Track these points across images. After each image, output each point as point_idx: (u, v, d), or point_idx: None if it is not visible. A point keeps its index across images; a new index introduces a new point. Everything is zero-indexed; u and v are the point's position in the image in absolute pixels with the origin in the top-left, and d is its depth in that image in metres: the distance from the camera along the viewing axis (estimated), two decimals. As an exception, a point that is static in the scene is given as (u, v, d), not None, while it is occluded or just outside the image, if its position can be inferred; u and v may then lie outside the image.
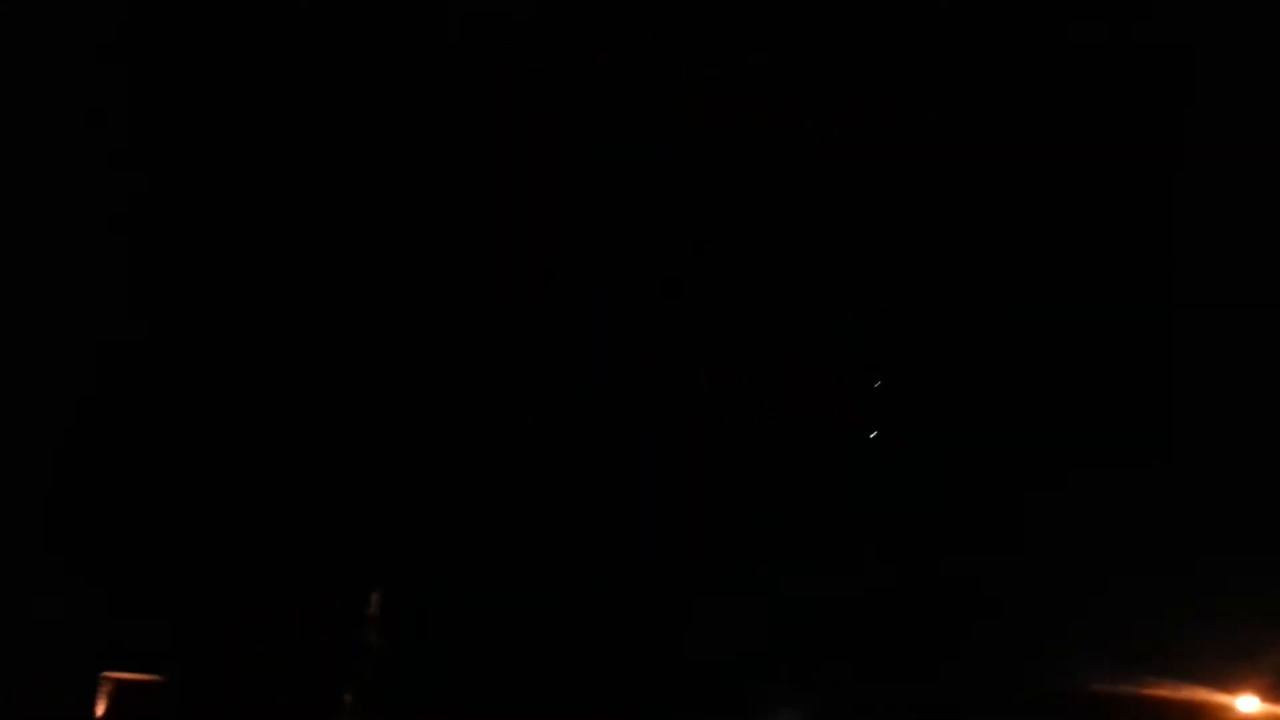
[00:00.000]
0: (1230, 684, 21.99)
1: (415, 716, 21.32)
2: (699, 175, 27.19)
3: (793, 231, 27.77)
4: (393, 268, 25.66)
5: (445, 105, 25.51)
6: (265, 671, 19.84)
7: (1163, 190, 24.80)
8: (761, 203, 27.55)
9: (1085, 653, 23.57)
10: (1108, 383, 26.25)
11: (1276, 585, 21.08)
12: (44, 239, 22.15)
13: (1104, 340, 26.44)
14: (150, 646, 19.75)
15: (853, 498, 28.36)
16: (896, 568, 28.28)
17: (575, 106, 26.15)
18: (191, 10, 22.62)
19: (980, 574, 28.00)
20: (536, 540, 27.02)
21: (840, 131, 26.35)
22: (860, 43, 25.27)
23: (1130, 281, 26.15)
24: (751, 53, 25.33)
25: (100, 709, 18.72)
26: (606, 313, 27.25)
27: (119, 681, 19.44)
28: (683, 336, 28.85)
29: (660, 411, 28.67)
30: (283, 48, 23.37)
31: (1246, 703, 21.65)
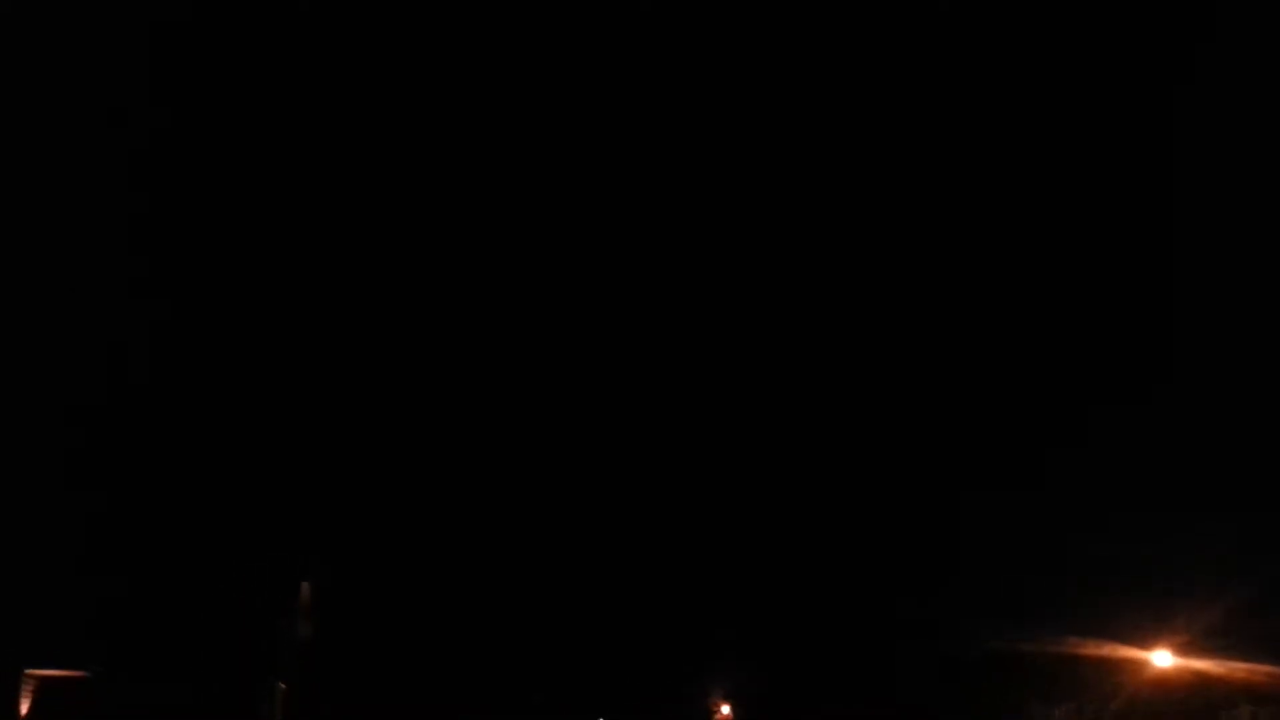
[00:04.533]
0: (1146, 641, 22.84)
1: (344, 704, 21.23)
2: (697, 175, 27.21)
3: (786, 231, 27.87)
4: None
5: (447, 106, 25.29)
6: (193, 663, 19.61)
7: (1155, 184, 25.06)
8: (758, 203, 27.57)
9: (1015, 614, 24.18)
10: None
11: (1185, 555, 21.94)
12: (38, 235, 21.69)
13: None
14: (74, 643, 19.39)
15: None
16: (826, 533, 28.55)
17: (575, 107, 26.06)
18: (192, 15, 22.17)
19: (913, 542, 28.41)
20: (465, 532, 26.88)
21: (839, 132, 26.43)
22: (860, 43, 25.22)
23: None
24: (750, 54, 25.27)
25: (25, 707, 18.34)
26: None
27: (43, 679, 19.06)
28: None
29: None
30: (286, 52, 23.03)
31: (1161, 658, 22.52)
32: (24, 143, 21.05)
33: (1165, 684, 22.77)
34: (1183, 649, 22.10)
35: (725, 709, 36.94)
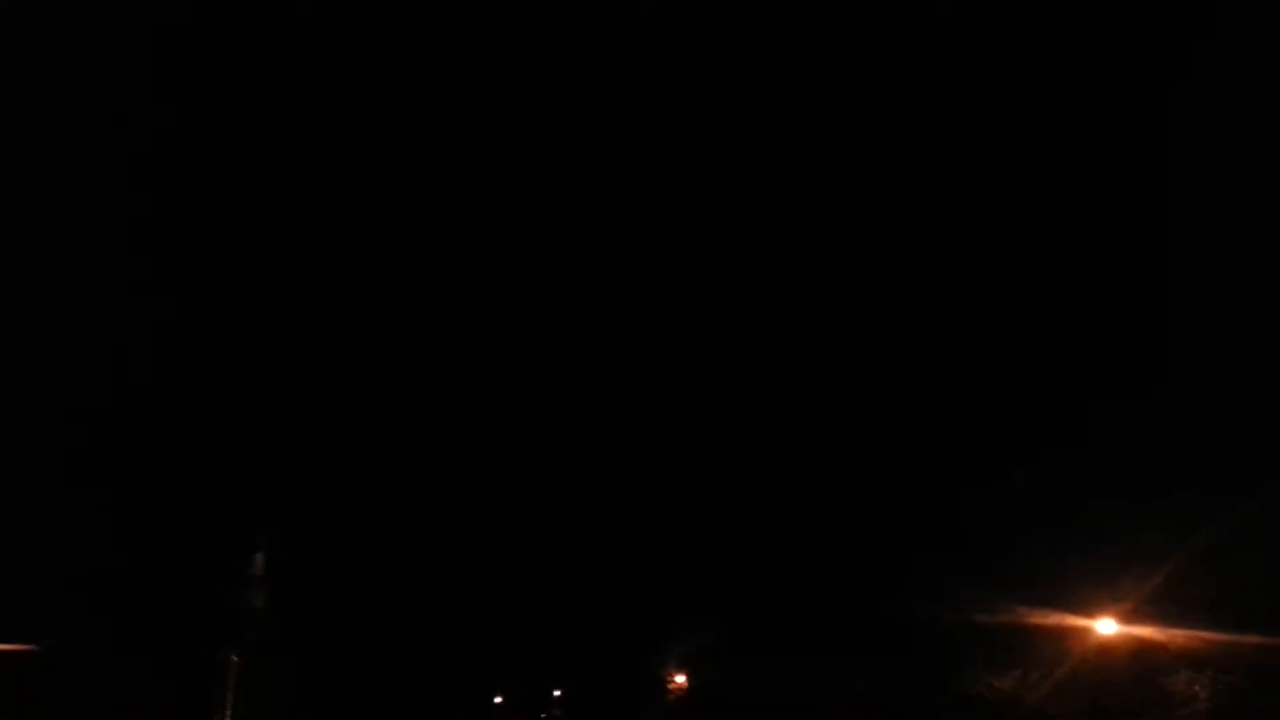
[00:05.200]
0: (1091, 610, 23.41)
1: (299, 675, 21.12)
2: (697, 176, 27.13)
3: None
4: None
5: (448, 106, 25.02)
6: (146, 636, 19.41)
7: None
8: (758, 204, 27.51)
9: (963, 584, 24.64)
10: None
11: (1129, 526, 22.46)
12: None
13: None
14: (24, 616, 19.10)
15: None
16: (791, 503, 28.81)
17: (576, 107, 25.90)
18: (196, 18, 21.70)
19: (870, 513, 28.77)
20: (420, 504, 26.81)
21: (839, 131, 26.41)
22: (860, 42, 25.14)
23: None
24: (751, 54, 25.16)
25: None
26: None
27: (-11, 652, 18.73)
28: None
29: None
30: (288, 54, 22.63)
31: (1105, 625, 23.12)
32: (24, 143, 20.79)
33: (1108, 651, 23.33)
34: (1127, 616, 22.63)
35: (680, 678, 37.35)
